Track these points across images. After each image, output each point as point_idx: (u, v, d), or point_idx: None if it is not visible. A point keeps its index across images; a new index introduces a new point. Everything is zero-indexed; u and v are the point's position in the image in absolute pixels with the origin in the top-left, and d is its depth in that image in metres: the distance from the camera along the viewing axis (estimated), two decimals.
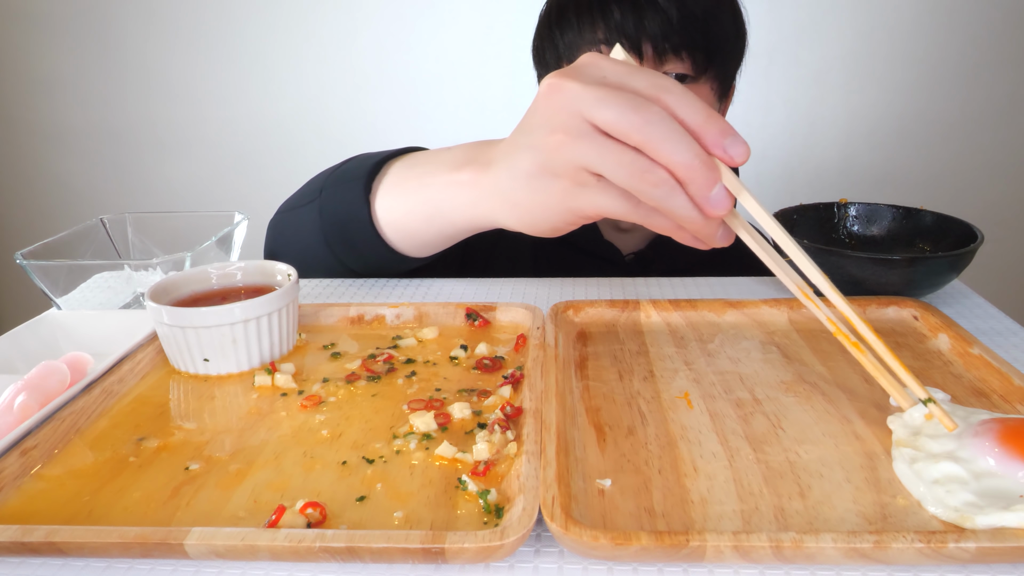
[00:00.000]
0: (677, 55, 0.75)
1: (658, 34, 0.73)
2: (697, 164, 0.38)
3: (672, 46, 0.74)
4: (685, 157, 0.38)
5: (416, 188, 0.60)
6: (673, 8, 0.73)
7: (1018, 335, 0.58)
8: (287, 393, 0.50)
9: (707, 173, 0.38)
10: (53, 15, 1.89)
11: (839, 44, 1.77)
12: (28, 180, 2.06)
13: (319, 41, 1.86)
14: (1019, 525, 0.34)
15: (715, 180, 0.38)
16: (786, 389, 0.49)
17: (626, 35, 0.74)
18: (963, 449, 0.40)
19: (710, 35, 0.75)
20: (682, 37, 0.74)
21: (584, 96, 0.40)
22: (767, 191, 1.82)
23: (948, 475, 0.38)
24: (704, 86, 0.78)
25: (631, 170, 0.39)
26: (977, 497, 0.36)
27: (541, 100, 0.43)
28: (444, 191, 0.57)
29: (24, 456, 0.41)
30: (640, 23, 0.73)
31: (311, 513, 0.37)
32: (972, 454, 0.39)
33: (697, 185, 0.38)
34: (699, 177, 0.38)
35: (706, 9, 0.75)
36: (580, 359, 0.54)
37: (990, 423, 0.41)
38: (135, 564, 0.35)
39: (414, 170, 0.61)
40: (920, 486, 0.38)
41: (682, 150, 0.38)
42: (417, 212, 0.60)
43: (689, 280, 0.71)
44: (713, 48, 0.76)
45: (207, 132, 1.97)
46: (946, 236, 0.67)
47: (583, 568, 0.35)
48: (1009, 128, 1.81)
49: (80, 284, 0.65)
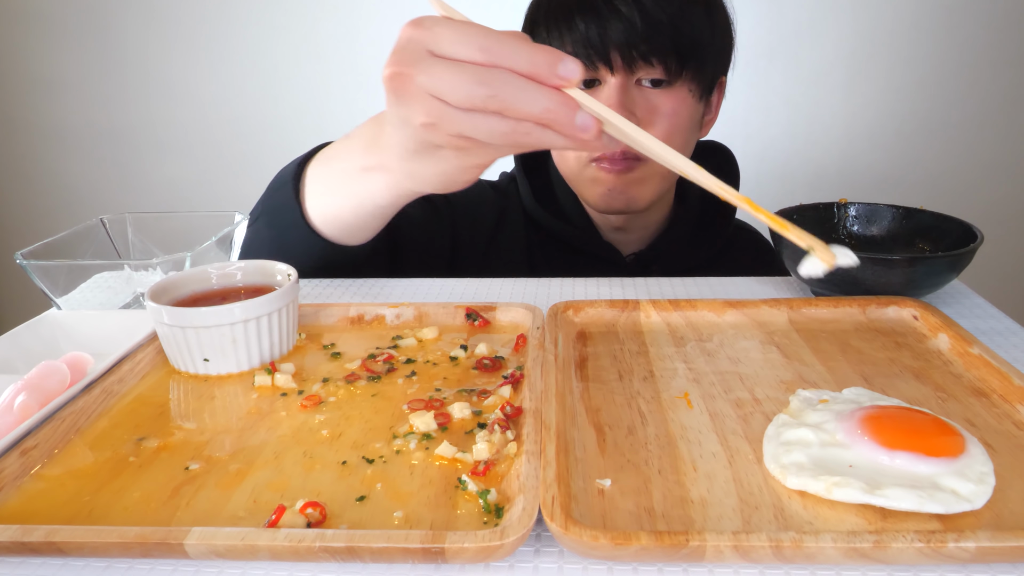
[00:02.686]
0: (647, 62, 0.75)
1: (623, 42, 0.73)
2: (552, 106, 0.40)
3: (640, 53, 0.74)
4: (538, 106, 0.40)
5: (337, 184, 0.64)
6: (636, 16, 0.73)
7: (1018, 335, 0.58)
8: (287, 393, 0.50)
9: (562, 110, 0.40)
10: (53, 15, 1.89)
11: (839, 44, 1.77)
12: (28, 180, 2.06)
13: (319, 41, 1.86)
14: (816, 492, 0.37)
15: (572, 112, 0.41)
16: (786, 389, 0.49)
17: (592, 47, 0.74)
18: (829, 423, 0.42)
19: (680, 38, 0.75)
20: (649, 44, 0.74)
21: (428, 82, 0.42)
22: (767, 191, 1.82)
23: (799, 439, 0.41)
24: (681, 89, 0.78)
25: (499, 131, 0.42)
26: (808, 460, 0.39)
27: (391, 94, 0.45)
28: (360, 180, 0.60)
29: (24, 456, 0.41)
30: (604, 33, 0.73)
31: (311, 513, 0.37)
32: (833, 427, 0.41)
33: (559, 124, 0.41)
34: (559, 117, 0.41)
35: (673, 14, 0.74)
36: (580, 359, 0.54)
37: (868, 407, 0.43)
38: (135, 564, 0.35)
39: (328, 168, 0.65)
40: (770, 445, 0.41)
41: (532, 101, 0.40)
42: (344, 205, 0.64)
43: (689, 280, 0.71)
44: (685, 51, 0.76)
45: (207, 132, 1.97)
46: (946, 236, 0.67)
47: (583, 568, 0.35)
48: (1009, 128, 1.81)
49: (80, 284, 0.65)
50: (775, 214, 0.42)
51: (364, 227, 0.66)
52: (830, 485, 0.37)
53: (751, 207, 0.41)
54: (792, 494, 0.38)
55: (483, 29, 0.42)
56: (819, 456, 0.39)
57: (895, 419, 0.42)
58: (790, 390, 0.49)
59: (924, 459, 0.38)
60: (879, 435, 0.40)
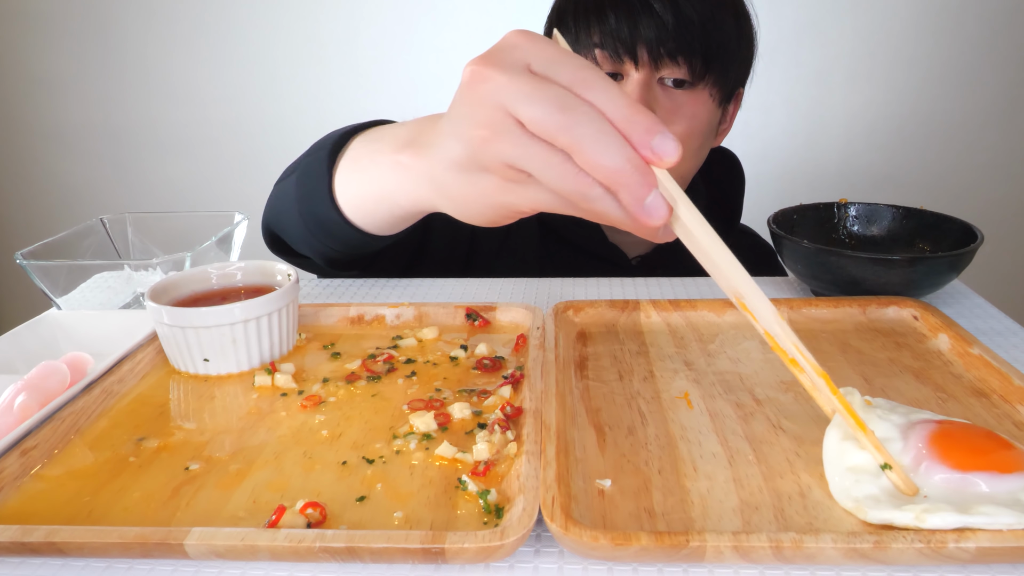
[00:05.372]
0: (673, 60, 0.74)
1: (653, 39, 0.73)
2: (626, 167, 0.35)
3: (667, 51, 0.74)
4: (615, 161, 0.35)
5: (367, 166, 0.58)
6: (669, 13, 0.73)
7: (1018, 335, 0.58)
8: (287, 393, 0.50)
9: (636, 179, 0.35)
10: (53, 15, 1.89)
11: (839, 44, 1.77)
12: (28, 180, 2.06)
13: (319, 41, 1.86)
14: (905, 524, 0.34)
15: (649, 187, 0.35)
16: (786, 389, 0.49)
17: (620, 40, 0.74)
18: (893, 441, 0.40)
19: (708, 41, 0.75)
20: (678, 43, 0.73)
21: (508, 90, 0.37)
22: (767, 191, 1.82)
23: (863, 464, 0.38)
24: (703, 92, 0.78)
25: (559, 172, 0.36)
26: (881, 492, 0.36)
27: (465, 89, 0.40)
28: (389, 172, 0.54)
29: (24, 456, 0.41)
30: (635, 28, 0.73)
31: (311, 513, 0.37)
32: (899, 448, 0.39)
33: (629, 192, 0.35)
34: (629, 183, 0.35)
35: (704, 14, 0.74)
36: (580, 359, 0.54)
37: (926, 423, 0.41)
38: (135, 564, 0.35)
39: (368, 147, 0.59)
40: (835, 472, 0.38)
41: (611, 154, 0.35)
42: (367, 192, 0.59)
43: (689, 280, 0.71)
44: (711, 54, 0.75)
45: (207, 132, 1.97)
46: (946, 236, 0.67)
47: (583, 568, 0.35)
48: (1009, 128, 1.81)
49: (80, 284, 0.65)
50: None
51: (382, 221, 0.61)
52: (921, 513, 0.34)
53: (829, 385, 0.39)
54: (792, 494, 0.38)
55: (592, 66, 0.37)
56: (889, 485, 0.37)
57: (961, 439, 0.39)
58: (790, 390, 0.49)
59: (1001, 477, 0.36)
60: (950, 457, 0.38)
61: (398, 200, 0.55)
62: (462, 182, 0.43)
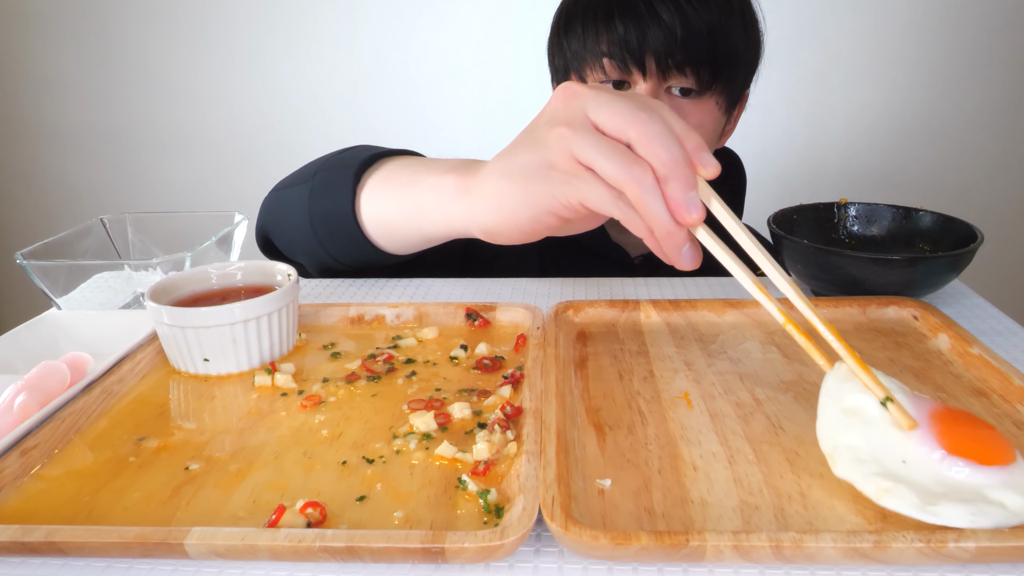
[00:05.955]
0: (681, 71, 0.74)
1: (661, 50, 0.73)
2: (681, 162, 0.41)
3: (675, 62, 0.73)
4: (670, 154, 0.41)
5: (404, 184, 0.61)
6: (677, 24, 0.72)
7: (1018, 335, 0.58)
8: (287, 393, 0.50)
9: (686, 174, 0.41)
10: (53, 15, 1.89)
11: (839, 44, 1.77)
12: (28, 180, 2.06)
13: (319, 41, 1.86)
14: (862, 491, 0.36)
15: (692, 185, 0.41)
16: (786, 389, 0.49)
17: (628, 50, 0.73)
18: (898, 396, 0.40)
19: (716, 51, 0.74)
20: (685, 54, 0.73)
21: (592, 97, 0.44)
22: (767, 191, 1.82)
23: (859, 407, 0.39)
24: (709, 100, 0.77)
25: (619, 161, 0.42)
26: (865, 445, 0.38)
27: (553, 99, 0.47)
28: (429, 192, 0.58)
29: (24, 456, 0.41)
30: (644, 39, 0.73)
31: (311, 513, 0.37)
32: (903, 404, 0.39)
33: (676, 183, 0.41)
34: (680, 175, 0.41)
35: (712, 25, 0.73)
36: (580, 359, 0.54)
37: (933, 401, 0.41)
38: (135, 564, 0.35)
39: (407, 169, 0.62)
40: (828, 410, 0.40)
41: (669, 147, 0.41)
42: (400, 209, 0.61)
43: (689, 280, 0.71)
44: (719, 65, 0.75)
45: (207, 132, 1.97)
46: (946, 236, 0.67)
47: (583, 568, 0.35)
48: (1009, 128, 1.81)
49: (80, 284, 0.65)
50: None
51: (404, 239, 0.64)
52: (880, 491, 0.35)
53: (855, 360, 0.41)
54: (792, 494, 0.38)
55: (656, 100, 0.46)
56: (878, 440, 0.37)
57: (963, 423, 0.39)
58: (790, 390, 0.49)
59: (978, 468, 0.36)
60: (945, 435, 0.37)
61: (432, 217, 0.58)
62: (517, 188, 0.48)
